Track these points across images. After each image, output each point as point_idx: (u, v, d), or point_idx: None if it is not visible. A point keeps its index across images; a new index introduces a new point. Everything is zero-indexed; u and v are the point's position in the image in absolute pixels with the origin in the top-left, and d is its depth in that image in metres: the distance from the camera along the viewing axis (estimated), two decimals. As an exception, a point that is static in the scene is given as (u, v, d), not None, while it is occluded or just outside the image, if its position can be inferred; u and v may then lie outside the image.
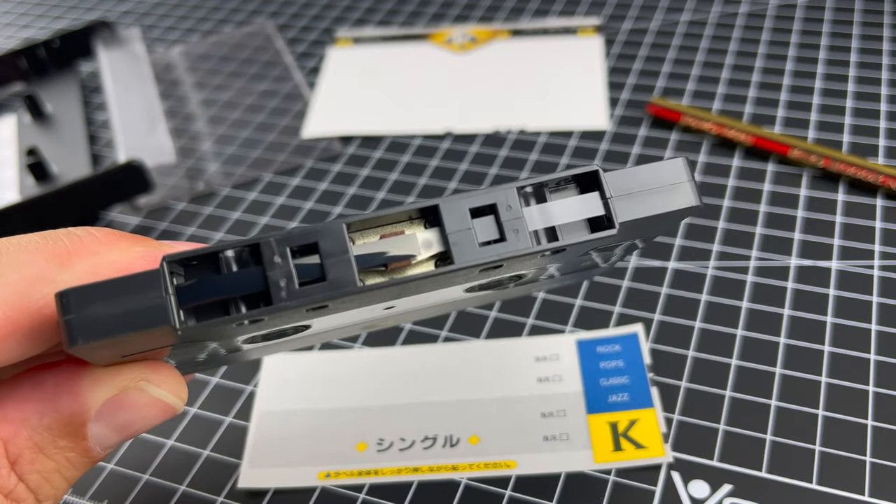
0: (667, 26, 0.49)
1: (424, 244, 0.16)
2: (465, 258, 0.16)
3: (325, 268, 0.15)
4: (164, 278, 0.15)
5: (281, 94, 0.47)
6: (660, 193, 0.17)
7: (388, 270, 0.16)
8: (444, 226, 0.16)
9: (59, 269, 0.17)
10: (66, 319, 0.15)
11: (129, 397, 0.18)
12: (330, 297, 0.15)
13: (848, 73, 0.43)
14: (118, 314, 0.15)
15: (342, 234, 0.16)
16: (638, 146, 0.40)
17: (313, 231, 0.16)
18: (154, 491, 0.28)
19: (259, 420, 0.29)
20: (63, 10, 0.59)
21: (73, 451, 0.18)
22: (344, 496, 0.27)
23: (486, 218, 0.16)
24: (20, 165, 0.44)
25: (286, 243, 0.16)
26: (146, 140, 0.43)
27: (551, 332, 0.31)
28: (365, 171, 0.41)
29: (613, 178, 0.17)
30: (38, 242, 0.17)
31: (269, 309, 0.15)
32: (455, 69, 0.47)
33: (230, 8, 0.57)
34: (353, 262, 0.16)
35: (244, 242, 0.16)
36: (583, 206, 0.17)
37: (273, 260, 0.15)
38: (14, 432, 0.17)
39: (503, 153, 0.41)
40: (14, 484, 0.17)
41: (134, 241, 0.18)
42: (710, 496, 0.26)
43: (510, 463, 0.27)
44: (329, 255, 0.15)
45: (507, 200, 0.16)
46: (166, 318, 0.15)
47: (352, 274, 0.15)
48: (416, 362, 0.31)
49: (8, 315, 0.16)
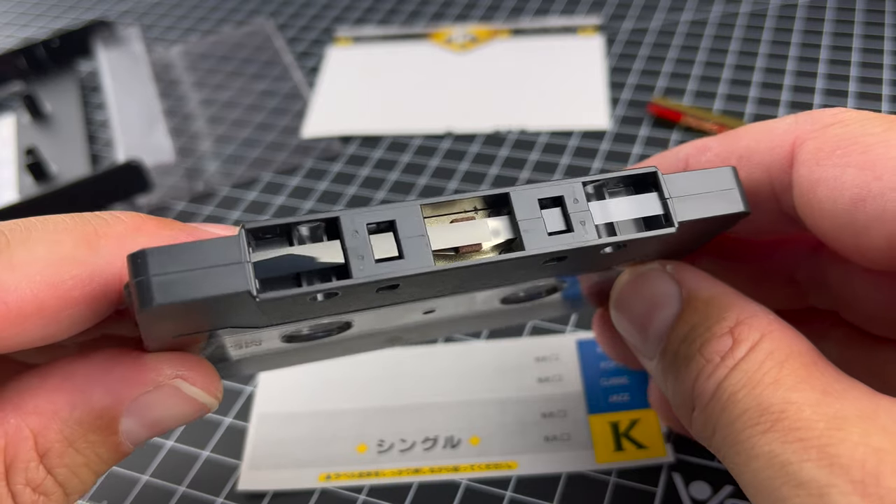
0: (668, 26, 0.48)
1: (493, 231, 0.17)
2: (536, 245, 0.16)
3: (401, 245, 0.16)
4: (242, 244, 0.15)
5: (280, 93, 0.47)
6: (711, 198, 0.17)
7: (457, 255, 0.16)
8: (515, 213, 0.16)
9: (88, 251, 0.17)
10: (141, 280, 0.15)
11: (163, 394, 0.18)
12: (406, 273, 0.16)
13: (849, 74, 0.43)
14: (196, 277, 0.15)
15: (418, 214, 0.16)
16: (639, 146, 0.40)
17: (391, 209, 0.16)
18: (153, 492, 0.28)
19: (259, 421, 0.29)
20: (62, 10, 0.59)
21: (104, 447, 0.18)
22: (344, 498, 0.27)
23: (553, 209, 0.17)
24: (19, 165, 0.44)
25: (364, 219, 0.16)
26: (145, 140, 0.43)
27: (551, 333, 0.31)
28: (365, 170, 0.41)
29: (668, 180, 0.17)
30: (67, 223, 0.17)
31: (347, 282, 0.15)
32: (455, 69, 0.47)
33: (229, 7, 0.57)
34: (430, 241, 0.16)
35: (320, 217, 0.16)
36: (641, 205, 0.17)
37: (353, 234, 0.15)
38: (44, 425, 0.17)
39: (503, 153, 0.41)
40: (43, 477, 0.17)
41: (161, 225, 0.18)
42: (712, 497, 0.25)
43: (511, 464, 0.27)
44: (406, 234, 0.16)
45: (573, 194, 0.17)
46: (245, 282, 0.15)
47: (427, 254, 0.16)
48: (416, 363, 0.31)
49: (35, 293, 0.16)
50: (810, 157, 0.18)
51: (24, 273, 0.16)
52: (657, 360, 0.20)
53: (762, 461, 0.16)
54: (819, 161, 0.17)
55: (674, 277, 0.20)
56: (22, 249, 0.16)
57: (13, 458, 0.17)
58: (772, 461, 0.15)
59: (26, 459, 0.17)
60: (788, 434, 0.15)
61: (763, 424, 0.16)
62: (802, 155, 0.18)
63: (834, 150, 0.17)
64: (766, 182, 0.19)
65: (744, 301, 0.19)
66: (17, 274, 0.16)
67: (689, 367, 0.18)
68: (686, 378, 0.18)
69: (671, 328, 0.19)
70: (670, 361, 0.19)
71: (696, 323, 0.19)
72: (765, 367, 0.17)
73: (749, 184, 0.19)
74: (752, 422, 0.16)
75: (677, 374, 0.19)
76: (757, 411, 0.16)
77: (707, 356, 0.18)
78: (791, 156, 0.18)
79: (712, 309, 0.19)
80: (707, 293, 0.19)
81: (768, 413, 0.16)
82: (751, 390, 0.17)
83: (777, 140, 0.19)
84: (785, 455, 0.15)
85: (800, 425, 0.15)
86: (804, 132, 0.18)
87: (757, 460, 0.16)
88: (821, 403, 0.16)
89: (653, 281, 0.20)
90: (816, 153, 0.18)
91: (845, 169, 0.17)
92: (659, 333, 0.19)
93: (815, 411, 0.16)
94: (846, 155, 0.17)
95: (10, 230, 0.16)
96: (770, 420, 0.16)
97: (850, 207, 0.17)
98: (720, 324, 0.18)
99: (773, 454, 0.15)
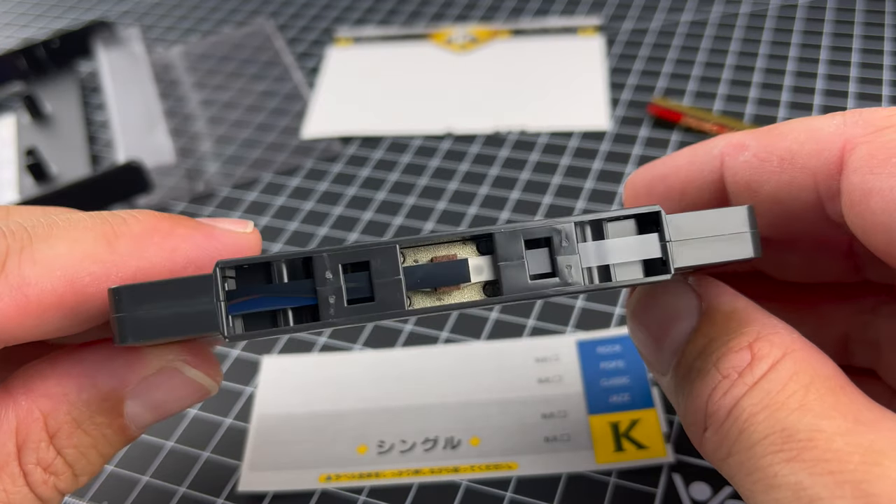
0: (668, 26, 0.48)
1: (475, 270, 0.16)
2: (514, 290, 0.16)
3: (374, 287, 0.16)
4: (216, 284, 0.15)
5: (280, 94, 0.47)
6: (719, 241, 0.17)
7: (436, 293, 0.16)
8: (497, 254, 0.16)
9: (106, 249, 0.17)
10: (118, 317, 0.16)
11: (165, 377, 0.19)
12: (376, 318, 0.16)
13: (849, 74, 0.43)
14: (169, 316, 0.15)
15: (394, 254, 0.16)
16: (639, 146, 0.40)
17: (366, 250, 0.16)
18: (153, 492, 0.28)
19: (259, 422, 0.29)
20: (62, 10, 0.59)
21: (110, 428, 0.19)
22: (344, 499, 0.27)
23: (540, 250, 0.16)
24: (19, 166, 0.44)
25: (338, 260, 0.16)
26: (145, 140, 0.43)
27: (551, 333, 0.31)
28: (365, 171, 0.41)
29: (673, 221, 0.16)
30: (87, 221, 0.18)
31: (315, 325, 0.16)
32: (455, 69, 0.47)
33: (229, 8, 0.57)
34: (404, 284, 0.16)
35: (297, 254, 0.16)
36: (640, 247, 0.16)
37: (324, 276, 0.16)
38: (54, 407, 0.18)
39: (503, 153, 0.41)
40: (53, 457, 0.18)
41: (176, 223, 0.18)
42: (712, 498, 0.25)
43: (511, 464, 0.27)
44: (379, 274, 0.16)
45: (563, 235, 0.16)
46: (215, 324, 0.15)
47: (400, 296, 0.16)
48: (416, 364, 0.31)
49: (54, 287, 0.17)
50: (863, 165, 0.17)
51: (45, 268, 0.17)
52: (671, 375, 0.19)
53: (786, 492, 0.15)
54: (873, 169, 0.16)
55: (694, 289, 0.19)
56: (44, 245, 0.17)
57: (24, 439, 0.17)
58: (799, 494, 0.14)
59: (37, 440, 0.17)
60: (818, 466, 0.14)
61: (788, 452, 0.15)
62: (854, 161, 0.17)
63: (889, 157, 0.16)
64: (810, 187, 0.18)
65: (766, 317, 0.18)
66: (38, 269, 0.17)
67: (703, 381, 0.17)
68: (700, 394, 0.17)
69: (688, 342, 0.18)
70: (684, 376, 0.18)
71: (713, 336, 0.18)
72: (789, 390, 0.16)
73: (791, 189, 0.18)
74: (774, 448, 0.15)
75: (691, 390, 0.18)
76: (780, 437, 0.15)
77: (723, 371, 0.17)
78: (840, 161, 0.17)
79: (732, 323, 0.18)
80: (728, 307, 0.18)
81: (794, 440, 0.15)
82: (773, 413, 0.16)
83: (824, 143, 0.18)
84: (815, 489, 0.14)
85: (830, 457, 0.14)
86: (855, 135, 0.17)
87: (779, 490, 0.15)
88: (853, 433, 0.15)
89: (672, 292, 0.19)
90: (870, 160, 0.16)
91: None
92: (674, 346, 0.19)
93: (848, 442, 0.14)
94: None
95: (33, 226, 0.17)
96: (796, 448, 0.15)
97: None
98: (739, 338, 0.17)
99: (801, 486, 0.14)
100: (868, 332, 0.22)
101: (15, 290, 0.16)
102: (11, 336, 0.17)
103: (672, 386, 0.19)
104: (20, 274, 0.16)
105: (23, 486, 0.17)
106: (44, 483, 0.18)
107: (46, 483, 0.18)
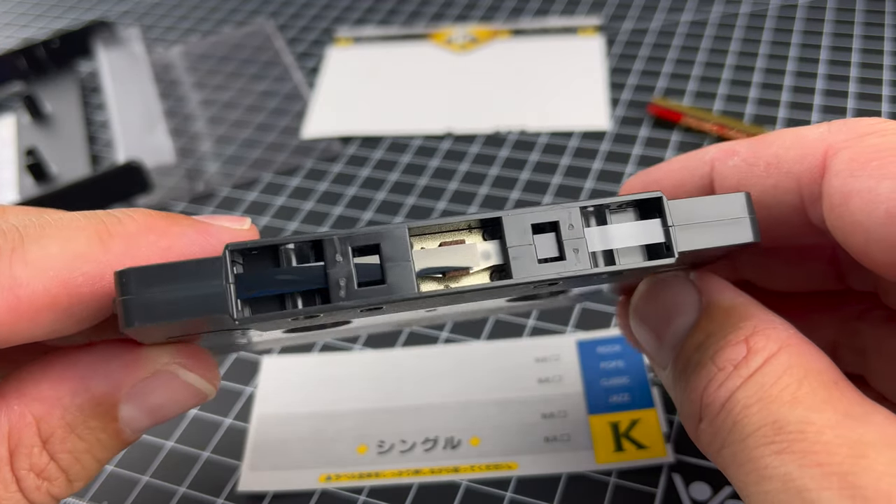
0: (668, 26, 0.48)
1: (483, 255, 0.16)
2: (523, 273, 0.16)
3: (384, 270, 0.15)
4: (225, 266, 0.15)
5: (280, 94, 0.47)
6: (719, 226, 0.17)
7: (445, 278, 0.16)
8: (505, 239, 0.16)
9: (100, 249, 0.17)
10: (124, 299, 0.15)
11: (160, 380, 0.18)
12: (387, 300, 0.15)
13: (849, 74, 0.43)
14: (177, 298, 0.15)
15: (405, 238, 0.16)
16: (639, 146, 0.40)
17: (376, 233, 0.16)
18: (154, 492, 0.28)
19: (259, 422, 0.29)
20: (62, 10, 0.59)
21: (104, 433, 0.18)
22: (344, 499, 0.27)
23: (547, 234, 0.16)
24: (19, 166, 0.44)
25: (349, 242, 0.16)
26: (145, 140, 0.43)
27: (552, 333, 0.31)
28: (365, 171, 0.41)
29: (674, 206, 0.17)
30: (80, 221, 0.17)
31: (326, 307, 0.15)
32: (455, 69, 0.47)
33: (229, 8, 0.57)
34: (414, 267, 0.16)
35: (307, 238, 0.16)
36: (643, 232, 0.17)
37: (335, 258, 0.15)
38: (47, 411, 0.17)
39: (503, 153, 0.41)
40: (46, 462, 0.18)
41: (171, 222, 0.18)
42: (712, 498, 0.25)
43: (511, 464, 0.27)
44: (390, 258, 0.16)
45: (569, 219, 0.16)
46: (225, 306, 0.15)
47: (411, 279, 0.15)
48: (416, 364, 0.31)
49: (47, 288, 0.16)
50: (844, 168, 0.17)
51: (37, 269, 0.16)
52: (670, 369, 0.19)
53: (776, 483, 0.15)
54: (853, 172, 0.17)
55: (695, 285, 0.19)
56: (36, 246, 0.16)
57: (17, 444, 0.17)
58: (787, 485, 0.15)
59: (29, 445, 0.17)
60: (806, 457, 0.15)
61: (778, 444, 0.15)
62: (836, 165, 0.17)
63: (870, 160, 0.16)
64: (794, 192, 0.18)
65: (764, 312, 0.18)
66: (30, 269, 0.16)
67: (699, 374, 0.18)
68: (696, 386, 0.18)
69: (687, 336, 0.19)
70: (682, 369, 0.19)
71: (712, 331, 0.18)
72: (782, 383, 0.16)
73: (776, 193, 0.18)
74: (765, 440, 0.16)
75: (687, 382, 0.18)
76: (772, 429, 0.16)
77: (719, 364, 0.17)
78: (823, 165, 0.18)
79: (731, 318, 0.18)
80: (728, 303, 0.19)
81: (784, 432, 0.15)
82: (766, 405, 0.16)
83: (808, 148, 0.18)
84: (802, 480, 0.15)
85: (819, 449, 0.15)
86: (838, 141, 0.17)
87: (770, 482, 0.15)
88: (842, 427, 0.15)
89: (673, 288, 0.19)
90: (850, 164, 0.17)
91: (881, 181, 0.16)
92: (674, 341, 0.19)
93: (837, 435, 0.15)
94: (883, 166, 0.16)
95: (25, 226, 0.17)
96: (786, 440, 0.15)
97: (886, 220, 0.16)
98: (736, 332, 0.18)
99: (790, 477, 0.15)
100: (855, 339, 0.22)
101: (6, 292, 0.16)
102: (3, 338, 0.16)
103: (671, 379, 0.19)
104: (11, 275, 0.16)
105: (15, 491, 0.17)
106: (37, 489, 0.17)
107: (40, 489, 0.18)
